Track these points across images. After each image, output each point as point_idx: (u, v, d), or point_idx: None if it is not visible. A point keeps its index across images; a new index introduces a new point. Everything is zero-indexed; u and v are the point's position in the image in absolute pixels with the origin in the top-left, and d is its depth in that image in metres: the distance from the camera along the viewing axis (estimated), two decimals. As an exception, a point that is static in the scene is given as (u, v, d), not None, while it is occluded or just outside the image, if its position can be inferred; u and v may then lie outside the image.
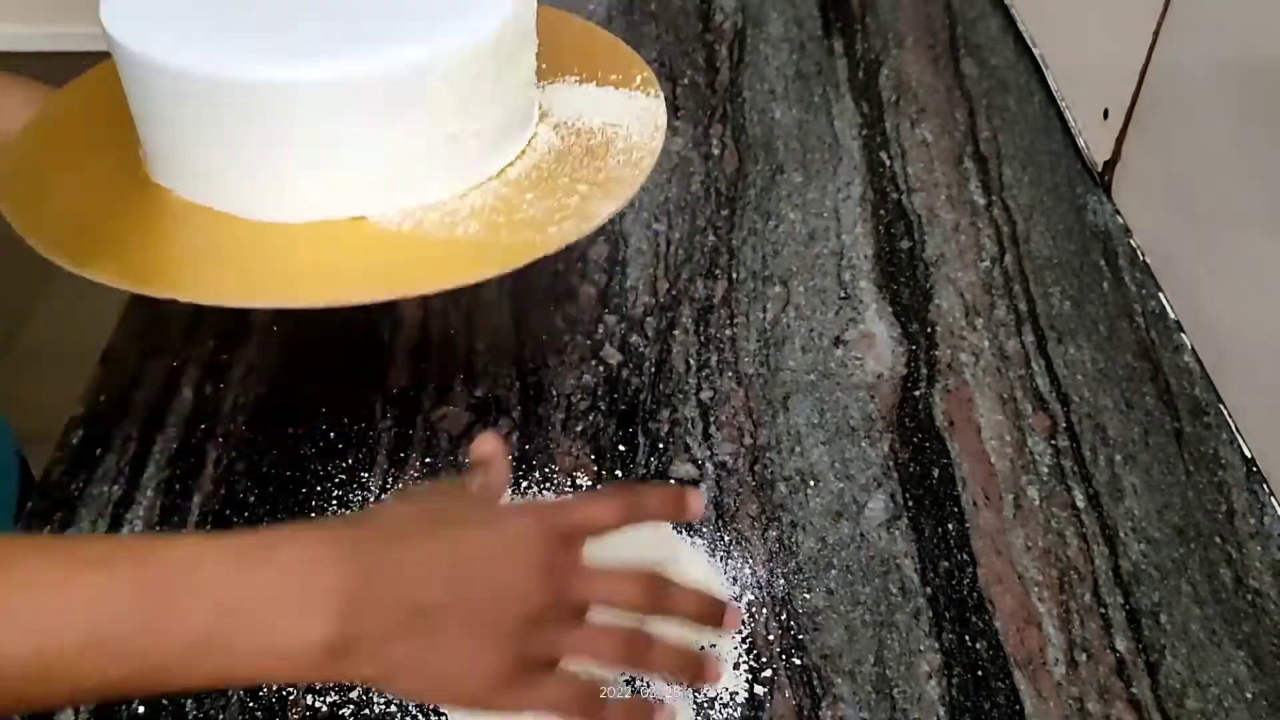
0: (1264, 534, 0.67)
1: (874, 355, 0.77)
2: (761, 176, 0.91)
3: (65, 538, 0.61)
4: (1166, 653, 0.62)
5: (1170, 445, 0.72)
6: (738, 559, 0.65)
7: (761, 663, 0.60)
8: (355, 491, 0.67)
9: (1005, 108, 0.99)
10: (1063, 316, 0.80)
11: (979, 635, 0.62)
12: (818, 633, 0.62)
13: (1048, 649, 0.62)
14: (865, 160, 0.93)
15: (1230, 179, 0.76)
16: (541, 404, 0.73)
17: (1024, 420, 0.73)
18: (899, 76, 1.02)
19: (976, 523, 0.67)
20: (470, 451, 0.52)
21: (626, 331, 0.78)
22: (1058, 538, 0.67)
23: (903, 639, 0.62)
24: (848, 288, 0.82)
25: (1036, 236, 0.87)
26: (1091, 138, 0.93)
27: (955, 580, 0.65)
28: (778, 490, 0.69)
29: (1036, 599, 0.64)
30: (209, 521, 0.65)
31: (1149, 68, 0.85)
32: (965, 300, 0.81)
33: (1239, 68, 0.75)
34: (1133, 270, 0.84)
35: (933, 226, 0.87)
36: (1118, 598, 0.64)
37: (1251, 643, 0.62)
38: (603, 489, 0.57)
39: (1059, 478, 0.70)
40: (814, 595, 0.63)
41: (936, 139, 0.96)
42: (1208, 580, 0.65)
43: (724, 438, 0.71)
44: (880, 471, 0.70)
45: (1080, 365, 0.77)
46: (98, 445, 0.69)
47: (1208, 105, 0.79)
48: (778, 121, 0.96)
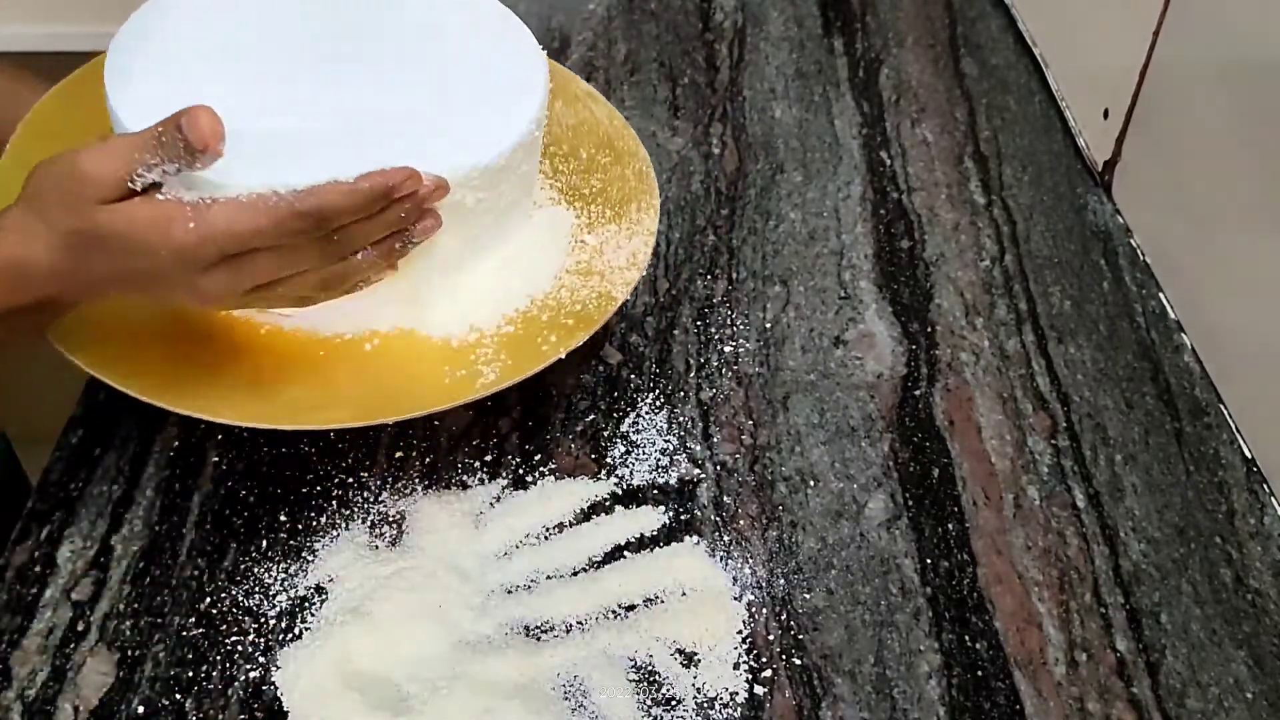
0: (1264, 534, 0.67)
1: (874, 355, 0.77)
2: (761, 176, 0.91)
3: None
4: (1167, 653, 0.62)
5: (1170, 445, 0.72)
6: (738, 559, 0.65)
7: (761, 663, 0.60)
8: (355, 491, 0.67)
9: (1005, 107, 0.99)
10: (1063, 316, 0.80)
11: (979, 635, 0.62)
12: (818, 633, 0.62)
13: (1048, 649, 0.62)
14: (865, 160, 0.93)
15: (1230, 179, 0.76)
16: (541, 404, 0.72)
17: (1024, 420, 0.73)
18: (899, 76, 1.02)
19: (976, 522, 0.67)
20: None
21: (626, 331, 0.78)
22: (1058, 538, 0.67)
23: (903, 639, 0.62)
24: (848, 287, 0.82)
25: (1036, 236, 0.87)
26: (1091, 138, 0.93)
27: (955, 580, 0.65)
28: (778, 490, 0.69)
29: (1036, 599, 0.64)
30: (209, 521, 0.65)
31: (1149, 68, 0.85)
32: (965, 300, 0.81)
33: (1239, 68, 0.75)
34: (1133, 270, 0.84)
35: (933, 226, 0.87)
36: (1118, 598, 0.64)
37: (1252, 643, 0.62)
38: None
39: (1059, 477, 0.70)
40: (814, 595, 0.63)
41: (936, 138, 0.96)
42: (1208, 580, 0.65)
43: (724, 438, 0.71)
44: (880, 471, 0.70)
45: (1080, 365, 0.77)
46: (97, 445, 0.69)
47: (1208, 105, 0.79)
48: (778, 121, 0.96)
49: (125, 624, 0.60)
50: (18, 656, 0.59)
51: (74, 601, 0.61)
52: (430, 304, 0.65)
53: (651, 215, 0.72)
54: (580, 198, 0.73)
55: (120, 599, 0.61)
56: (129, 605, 0.61)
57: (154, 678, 0.58)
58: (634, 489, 0.68)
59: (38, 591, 0.61)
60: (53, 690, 0.58)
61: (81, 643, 0.59)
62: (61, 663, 0.59)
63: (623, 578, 0.63)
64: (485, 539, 0.65)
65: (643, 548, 0.65)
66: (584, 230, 0.72)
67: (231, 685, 0.58)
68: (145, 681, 0.58)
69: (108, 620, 0.60)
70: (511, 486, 0.68)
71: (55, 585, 0.61)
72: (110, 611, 0.61)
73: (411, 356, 0.65)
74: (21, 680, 0.58)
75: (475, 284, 0.66)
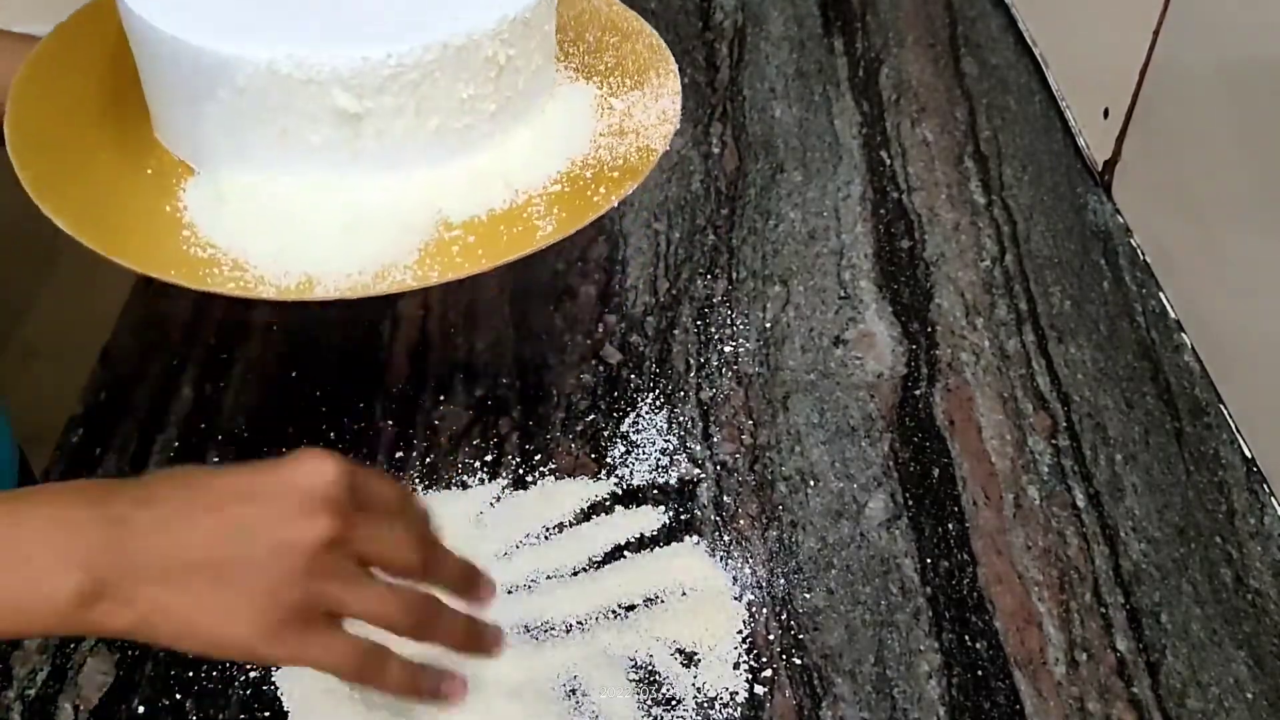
0: (1264, 534, 0.67)
1: (874, 355, 0.77)
2: (761, 175, 0.91)
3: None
4: (1167, 652, 0.62)
5: (1170, 445, 0.72)
6: (738, 559, 0.65)
7: (761, 663, 0.60)
8: (355, 491, 0.67)
9: (1005, 107, 0.99)
10: (1063, 316, 0.80)
11: (979, 635, 0.62)
12: (818, 633, 0.62)
13: (1048, 649, 0.62)
14: (865, 159, 0.93)
15: (1230, 179, 0.76)
16: (541, 404, 0.72)
17: (1024, 420, 0.73)
18: (899, 75, 1.02)
19: (976, 522, 0.67)
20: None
21: (626, 331, 0.78)
22: (1058, 537, 0.67)
23: (903, 639, 0.62)
24: (848, 287, 0.82)
25: (1037, 236, 0.87)
26: (1091, 137, 0.93)
27: (955, 580, 0.65)
28: (778, 490, 0.69)
29: (1036, 599, 0.64)
30: (209, 521, 0.65)
31: (1149, 68, 0.85)
32: (965, 300, 0.81)
33: (1239, 68, 0.75)
34: (1133, 270, 0.84)
35: (933, 226, 0.87)
36: (1118, 597, 0.64)
37: (1252, 643, 0.62)
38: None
39: (1059, 477, 0.70)
40: (814, 595, 0.63)
41: (937, 138, 0.96)
42: (1208, 580, 0.65)
43: (724, 437, 0.71)
44: (880, 471, 0.70)
45: (1080, 365, 0.77)
46: (98, 445, 0.69)
47: (1208, 105, 0.79)
48: (778, 120, 0.96)
49: (125, 624, 0.60)
50: (18, 656, 0.59)
51: (74, 601, 0.61)
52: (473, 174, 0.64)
53: (673, 79, 0.72)
54: (597, 73, 0.73)
55: (120, 599, 0.61)
56: (129, 605, 0.61)
57: (154, 678, 0.58)
58: (634, 489, 0.68)
59: (38, 591, 0.61)
60: (53, 690, 0.58)
61: (82, 643, 0.59)
62: (62, 662, 0.59)
63: (623, 578, 0.63)
64: (485, 539, 0.65)
65: (643, 548, 0.65)
66: (609, 97, 0.71)
67: (231, 685, 0.58)
68: (145, 681, 0.58)
69: (108, 620, 0.60)
70: (511, 486, 0.68)
71: (55, 585, 0.61)
72: (110, 611, 0.61)
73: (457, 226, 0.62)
74: (22, 680, 0.58)
75: (516, 149, 0.65)
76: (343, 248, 0.58)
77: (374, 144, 0.59)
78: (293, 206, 0.59)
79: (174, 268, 0.56)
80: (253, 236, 0.58)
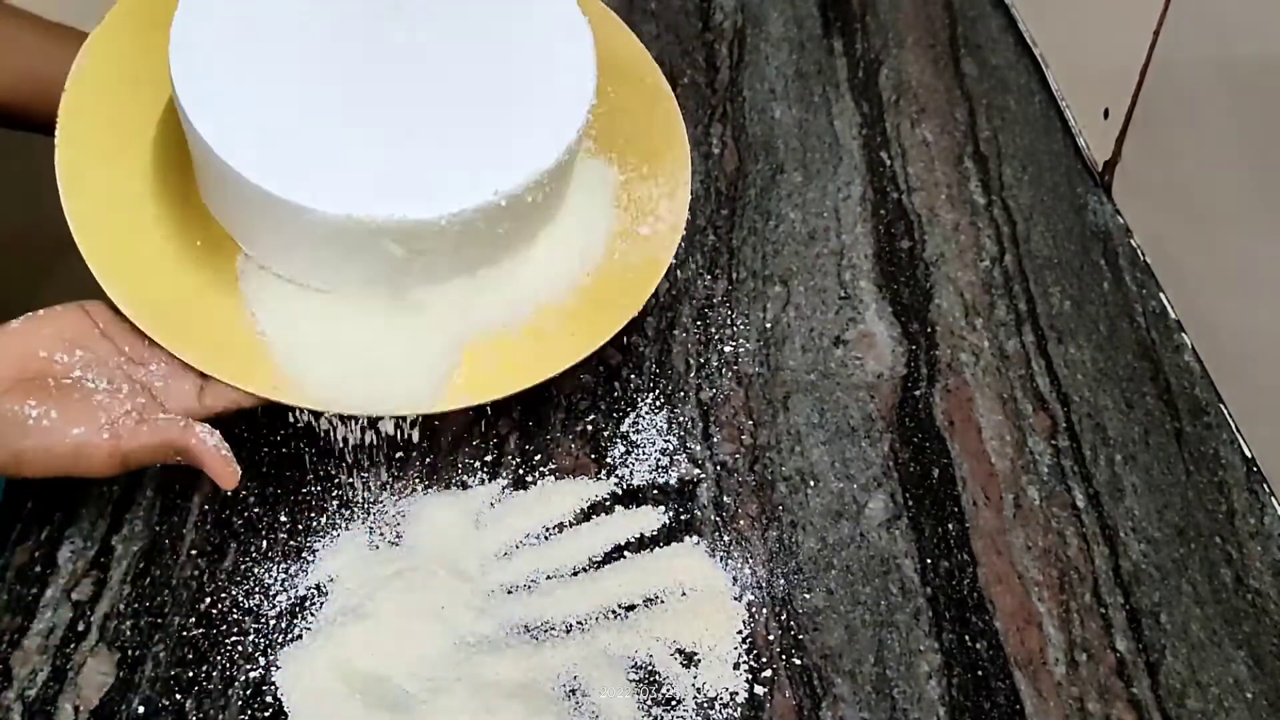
0: (1264, 534, 0.68)
1: (874, 355, 0.77)
2: (761, 176, 0.91)
3: None
4: (1167, 653, 0.62)
5: (1170, 445, 0.72)
6: (738, 559, 0.65)
7: (761, 663, 0.60)
8: (355, 491, 0.67)
9: (1005, 107, 0.99)
10: (1063, 316, 0.80)
11: (979, 635, 0.62)
12: (818, 633, 0.62)
13: (1048, 649, 0.62)
14: (865, 160, 0.93)
15: (1230, 179, 0.76)
16: (541, 404, 0.72)
17: (1024, 420, 0.73)
18: (899, 76, 1.02)
19: (976, 523, 0.67)
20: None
21: (626, 331, 0.78)
22: (1058, 538, 0.67)
23: (903, 639, 0.62)
24: (848, 287, 0.82)
25: (1036, 236, 0.87)
26: (1091, 138, 0.93)
27: (955, 580, 0.65)
28: (778, 490, 0.69)
29: (1036, 599, 0.64)
30: (209, 521, 0.65)
31: (1149, 68, 0.85)
32: (965, 300, 0.81)
33: (1239, 68, 0.75)
34: (1133, 270, 0.84)
35: (933, 226, 0.87)
36: (1118, 598, 0.64)
37: (1252, 643, 0.62)
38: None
39: (1059, 478, 0.70)
40: (814, 595, 0.63)
41: (936, 139, 0.95)
42: (1208, 580, 0.65)
43: (724, 438, 0.71)
44: (880, 471, 0.70)
45: (1080, 365, 0.77)
46: (97, 445, 0.69)
47: (1208, 105, 0.79)
48: (778, 121, 0.96)
49: (125, 624, 0.60)
50: (18, 656, 0.59)
51: (74, 601, 0.61)
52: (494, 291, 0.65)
53: (686, 171, 0.73)
54: (615, 148, 0.72)
55: (120, 599, 0.61)
56: (129, 605, 0.61)
57: (154, 678, 0.58)
58: (634, 489, 0.68)
59: (38, 591, 0.61)
60: (53, 690, 0.58)
61: (82, 643, 0.59)
62: (62, 663, 0.59)
63: (623, 578, 0.63)
64: (485, 539, 0.65)
65: (643, 548, 0.65)
66: (624, 185, 0.71)
67: (231, 685, 0.58)
68: (145, 681, 0.58)
69: (108, 620, 0.60)
70: (511, 486, 0.68)
71: (56, 585, 0.62)
72: (110, 611, 0.61)
73: (485, 344, 0.64)
74: (22, 680, 0.58)
75: (536, 256, 0.66)
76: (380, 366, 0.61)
77: (409, 277, 0.60)
78: (339, 326, 0.62)
79: (241, 379, 0.59)
80: (309, 350, 0.61)
